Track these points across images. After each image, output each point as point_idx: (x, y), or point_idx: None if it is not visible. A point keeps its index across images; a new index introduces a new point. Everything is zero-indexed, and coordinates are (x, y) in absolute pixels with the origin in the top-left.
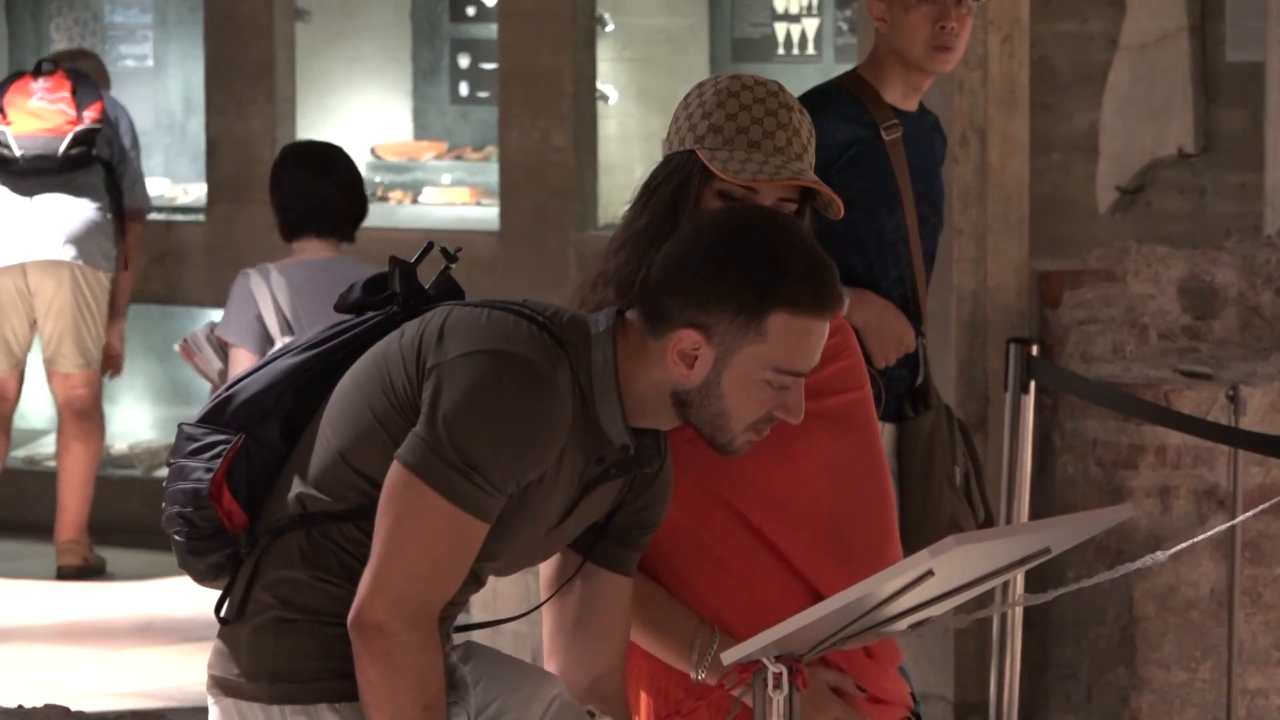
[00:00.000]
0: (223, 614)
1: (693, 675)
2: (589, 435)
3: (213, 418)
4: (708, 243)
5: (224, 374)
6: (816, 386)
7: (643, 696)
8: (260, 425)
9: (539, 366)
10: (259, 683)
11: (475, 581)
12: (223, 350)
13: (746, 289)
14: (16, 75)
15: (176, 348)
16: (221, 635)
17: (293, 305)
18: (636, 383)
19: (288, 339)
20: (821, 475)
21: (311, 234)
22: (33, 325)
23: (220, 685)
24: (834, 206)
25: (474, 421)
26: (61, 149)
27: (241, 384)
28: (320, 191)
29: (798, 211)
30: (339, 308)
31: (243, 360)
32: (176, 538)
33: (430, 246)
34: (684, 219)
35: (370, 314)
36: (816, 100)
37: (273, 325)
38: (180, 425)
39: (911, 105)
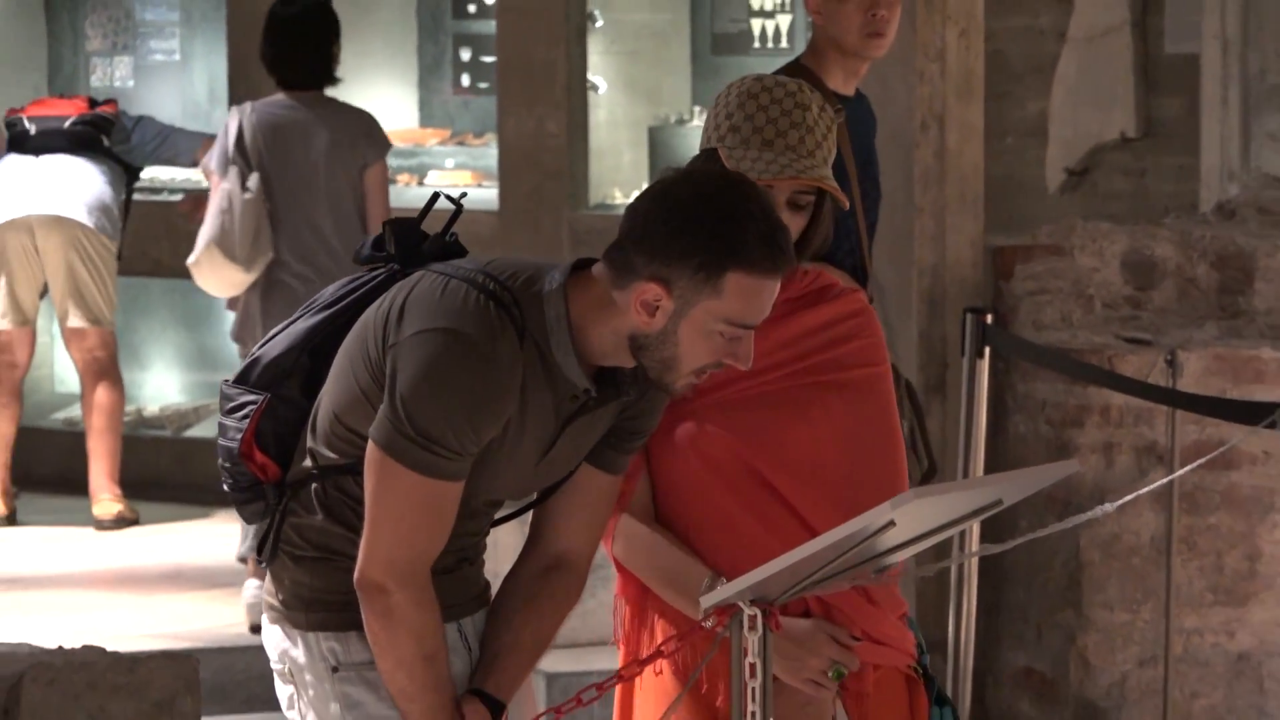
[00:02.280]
0: (262, 555)
1: (701, 618)
2: (554, 380)
3: (244, 378)
4: (674, 204)
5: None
6: (837, 361)
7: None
8: (283, 385)
9: (479, 341)
10: (296, 611)
11: (485, 513)
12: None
13: (707, 249)
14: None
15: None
16: (270, 569)
17: (254, 136)
18: (597, 330)
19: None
20: (837, 441)
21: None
22: (43, 290)
23: (269, 610)
24: (840, 199)
25: (426, 398)
26: (68, 123)
27: (267, 345)
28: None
29: (816, 202)
30: (356, 258)
31: (215, 188)
32: (225, 488)
33: (435, 197)
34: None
35: (376, 271)
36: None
37: (233, 152)
38: (221, 384)
39: (850, 90)
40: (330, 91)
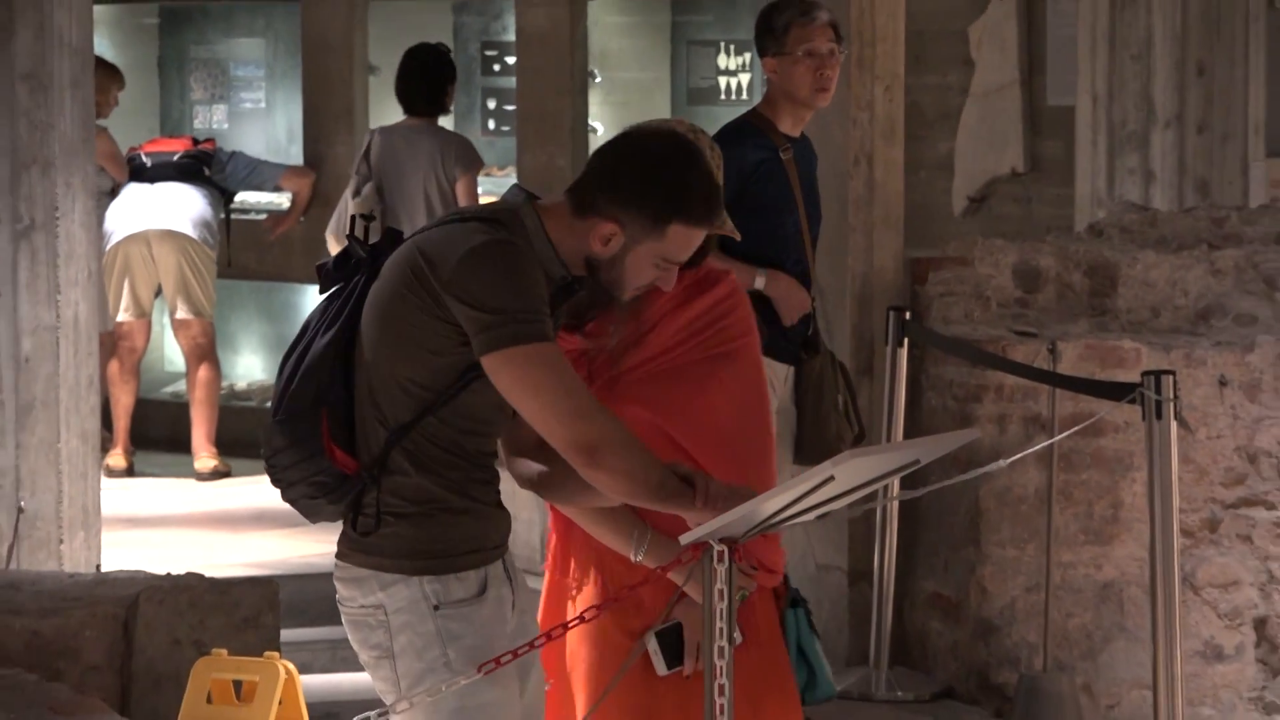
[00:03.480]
0: (360, 528)
1: (632, 558)
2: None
3: (295, 402)
4: (634, 160)
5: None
6: (722, 334)
7: (591, 572)
8: (330, 392)
9: (502, 236)
10: (401, 559)
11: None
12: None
13: (657, 202)
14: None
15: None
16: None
17: (378, 151)
18: (563, 246)
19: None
20: (729, 405)
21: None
22: (157, 290)
23: (361, 553)
24: (731, 233)
25: (500, 286)
26: (177, 157)
27: (306, 359)
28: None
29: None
30: (323, 287)
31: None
32: (309, 501)
33: (354, 220)
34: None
35: (353, 279)
36: (734, 133)
37: (360, 162)
38: (275, 420)
39: (797, 132)
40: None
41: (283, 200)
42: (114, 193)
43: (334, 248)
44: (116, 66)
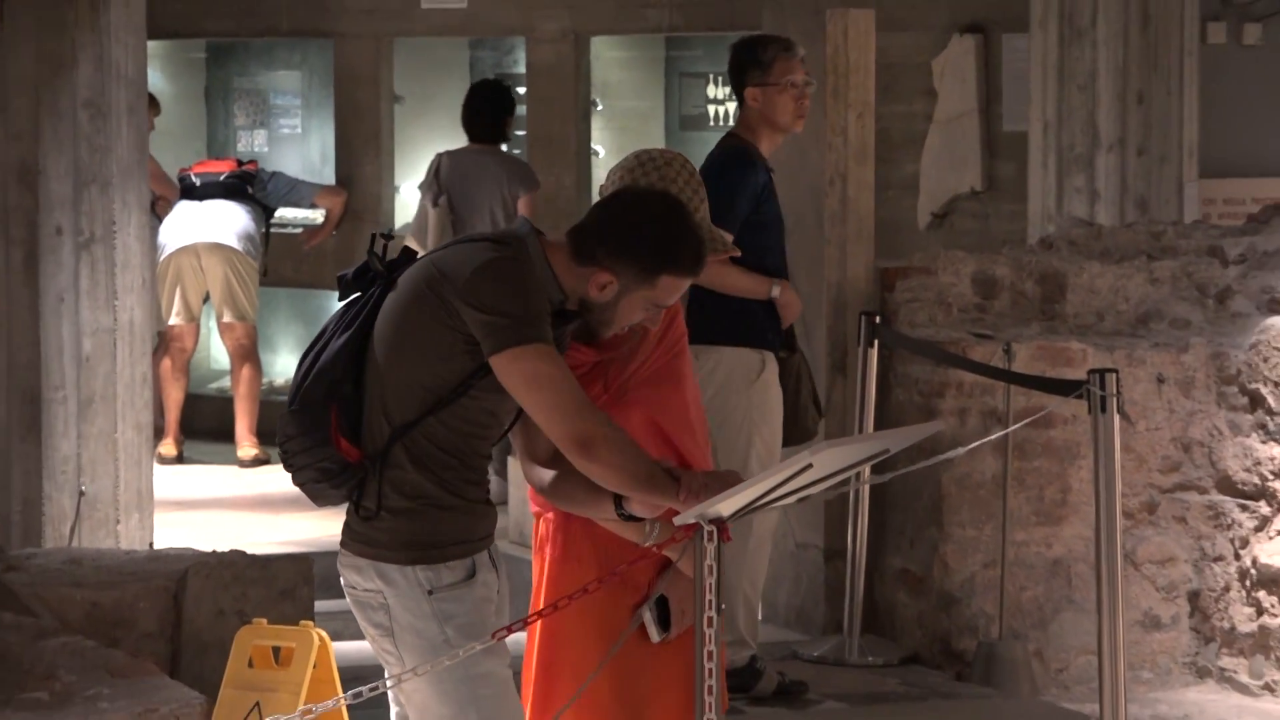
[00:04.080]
0: (361, 513)
1: (643, 544)
2: None
3: (309, 395)
4: (630, 218)
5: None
6: (675, 338)
7: (590, 554)
8: (340, 389)
9: (509, 254)
10: (396, 551)
11: (501, 431)
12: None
13: (649, 257)
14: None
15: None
16: (365, 524)
17: (447, 172)
18: (561, 277)
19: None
20: (693, 395)
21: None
22: (205, 296)
23: (362, 544)
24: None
25: (506, 294)
26: (223, 178)
27: (321, 359)
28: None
29: None
30: (342, 295)
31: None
32: (315, 485)
33: (374, 237)
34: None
35: (369, 291)
36: (743, 158)
37: (431, 179)
38: (290, 411)
39: (769, 156)
40: (408, 156)
41: (317, 216)
42: (154, 209)
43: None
44: (153, 94)
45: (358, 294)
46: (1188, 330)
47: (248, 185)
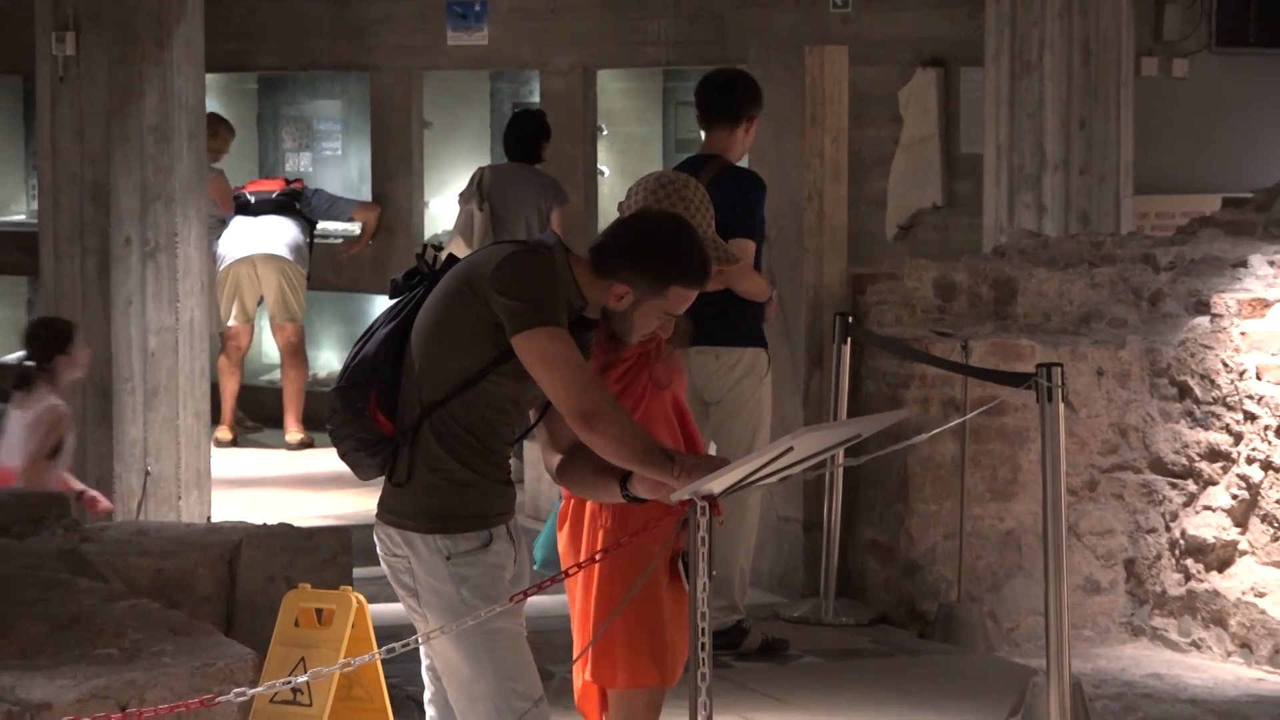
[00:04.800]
0: (394, 480)
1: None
2: None
3: (354, 376)
4: (644, 236)
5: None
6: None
7: (607, 519)
8: (381, 371)
9: (536, 250)
10: (420, 521)
11: (521, 420)
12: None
13: (661, 270)
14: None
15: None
16: (396, 493)
17: (490, 183)
18: (583, 286)
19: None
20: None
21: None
22: (259, 300)
23: (391, 514)
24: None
25: (527, 282)
26: (274, 195)
27: (366, 346)
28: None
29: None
30: (392, 295)
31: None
32: (355, 453)
33: (425, 247)
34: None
35: (414, 291)
36: (757, 178)
37: (475, 188)
38: (336, 389)
39: None
40: (437, 176)
41: (354, 228)
42: (223, 223)
43: (460, 250)
44: (228, 122)
45: (405, 293)
46: (1124, 329)
47: (295, 201)
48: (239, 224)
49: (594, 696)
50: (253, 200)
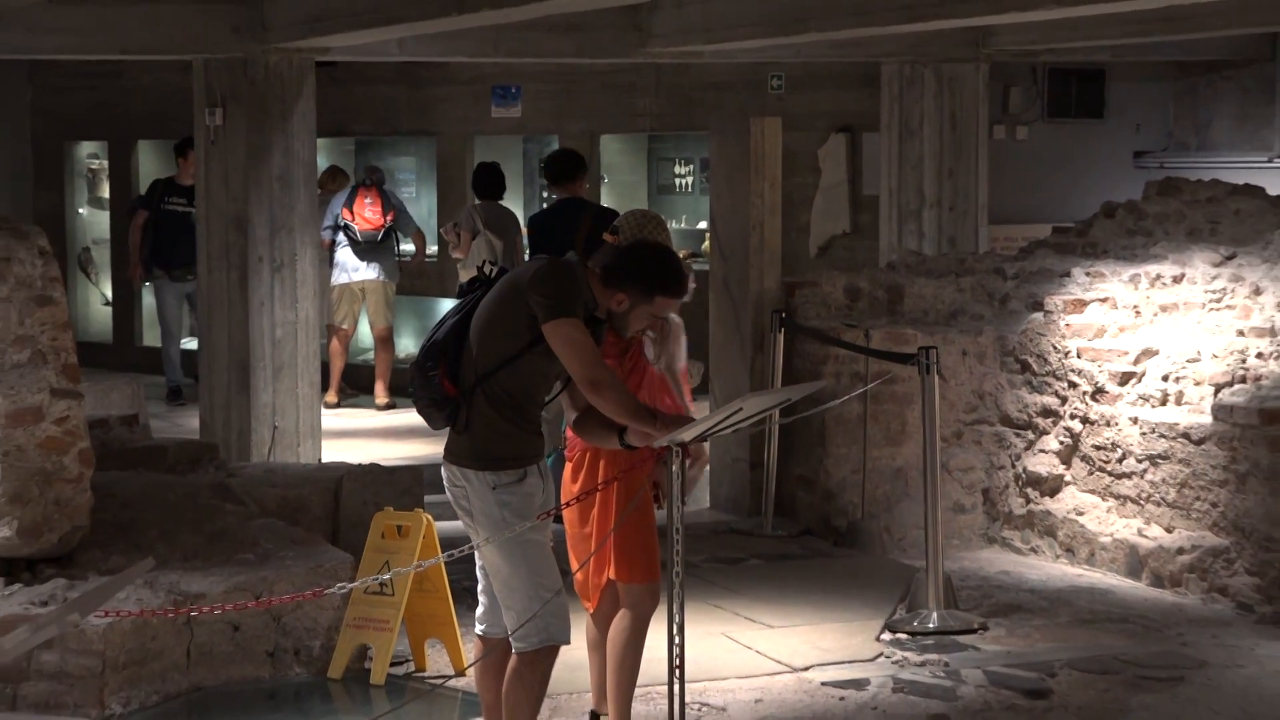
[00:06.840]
0: (455, 429)
1: (654, 444)
2: None
3: (431, 353)
4: (636, 260)
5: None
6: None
7: (602, 463)
8: (449, 350)
9: (564, 263)
10: (475, 459)
11: (550, 389)
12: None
13: (649, 283)
14: (354, 189)
15: (443, 232)
16: (458, 438)
17: (484, 217)
18: (595, 294)
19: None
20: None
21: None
22: (359, 308)
23: (453, 456)
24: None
25: (555, 287)
26: (379, 237)
27: (438, 332)
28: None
29: None
30: (459, 295)
31: (465, 237)
32: (427, 408)
33: (484, 263)
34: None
35: (475, 292)
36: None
37: (473, 222)
38: (416, 363)
39: None
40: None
41: (409, 248)
42: (344, 234)
43: (465, 268)
44: (344, 172)
45: (469, 295)
46: (981, 321)
47: (391, 234)
48: (349, 253)
49: (597, 590)
50: (361, 240)
